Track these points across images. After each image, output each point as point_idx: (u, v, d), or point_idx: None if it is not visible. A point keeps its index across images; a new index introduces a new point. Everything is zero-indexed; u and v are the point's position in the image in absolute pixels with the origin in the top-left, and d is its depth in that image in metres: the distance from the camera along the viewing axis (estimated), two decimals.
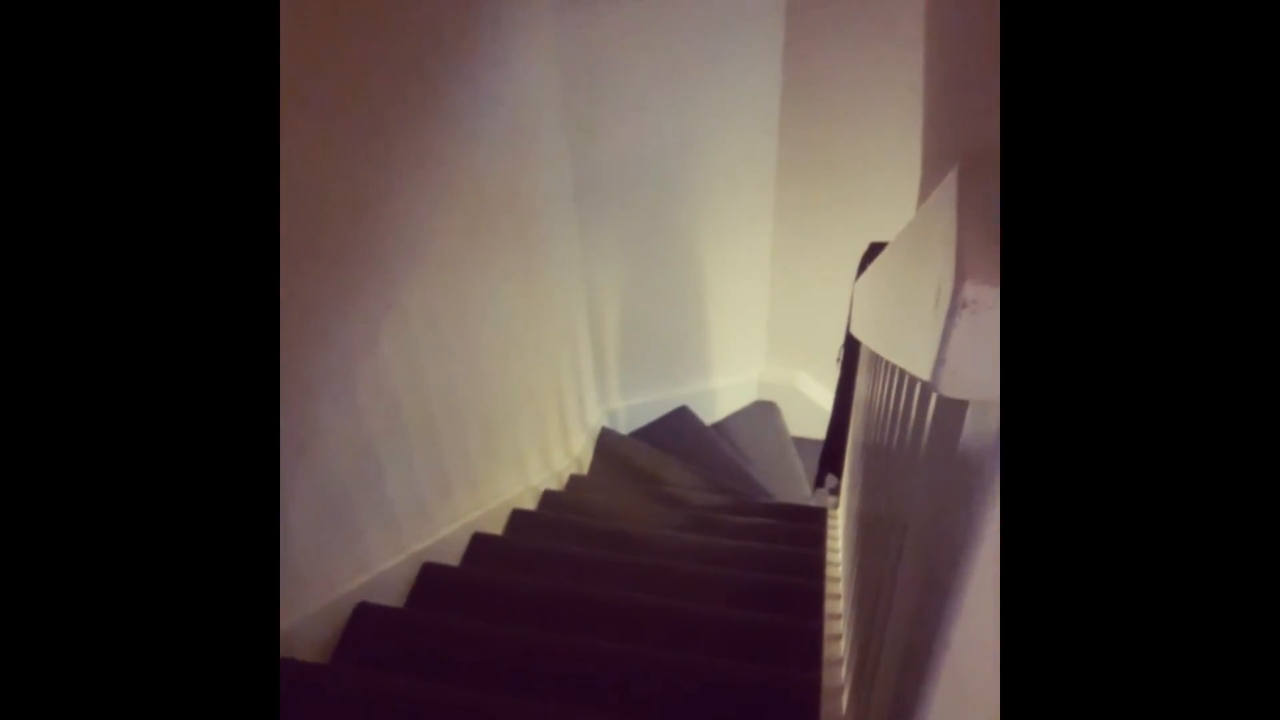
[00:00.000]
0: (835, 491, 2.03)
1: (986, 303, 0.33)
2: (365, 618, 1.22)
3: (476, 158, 1.52)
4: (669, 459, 2.63)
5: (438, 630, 1.24)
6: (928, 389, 0.61)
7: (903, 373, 0.80)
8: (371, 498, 1.26)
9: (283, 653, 1.06)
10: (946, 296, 0.34)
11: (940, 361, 0.35)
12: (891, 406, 0.92)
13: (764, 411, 3.22)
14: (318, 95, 1.03)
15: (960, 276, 0.33)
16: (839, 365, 1.99)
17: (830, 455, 2.08)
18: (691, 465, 2.63)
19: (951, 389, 0.35)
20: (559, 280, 2.15)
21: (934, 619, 0.49)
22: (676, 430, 2.95)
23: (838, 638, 1.26)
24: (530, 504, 2.01)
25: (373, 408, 1.23)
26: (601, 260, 2.50)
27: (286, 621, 1.08)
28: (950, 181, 0.40)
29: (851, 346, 1.87)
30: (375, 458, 1.26)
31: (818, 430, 2.25)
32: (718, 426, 3.14)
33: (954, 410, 0.46)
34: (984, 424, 0.42)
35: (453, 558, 1.57)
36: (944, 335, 0.34)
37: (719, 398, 3.16)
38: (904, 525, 0.70)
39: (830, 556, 1.68)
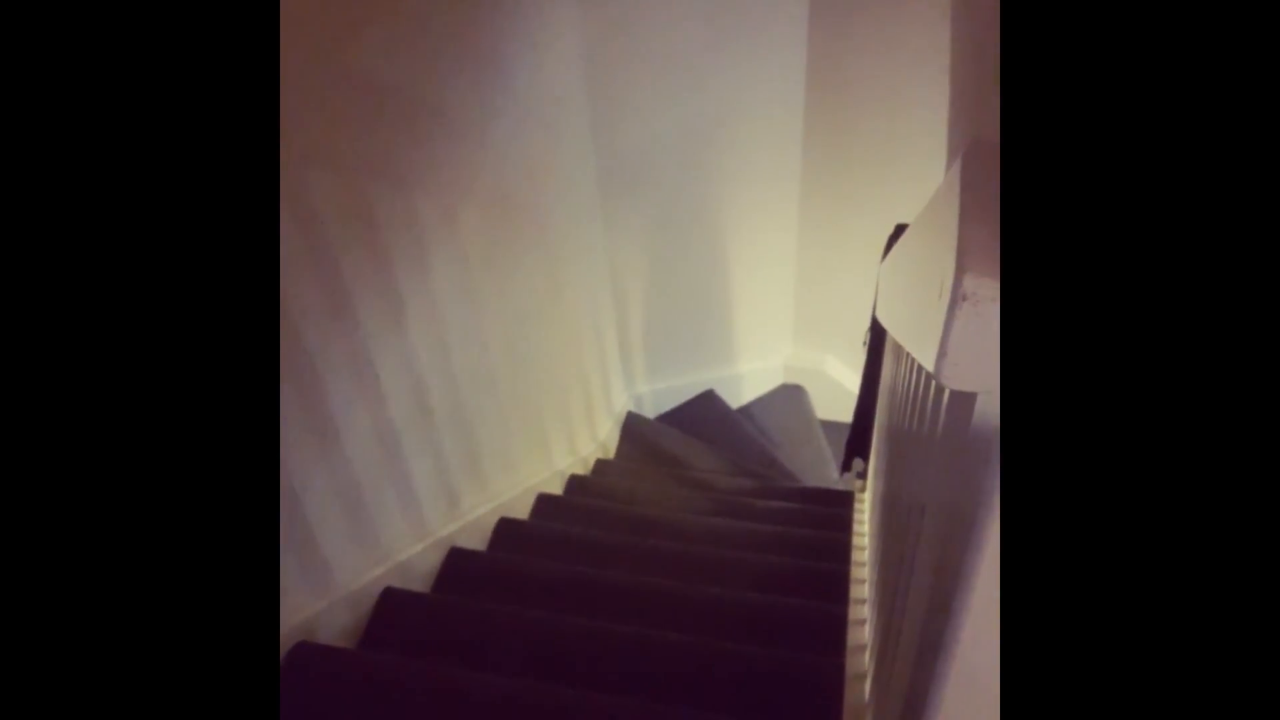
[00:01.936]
0: (862, 475, 2.02)
1: (987, 295, 0.33)
2: (391, 603, 1.24)
3: (500, 139, 1.52)
4: (695, 443, 2.64)
5: (463, 615, 1.25)
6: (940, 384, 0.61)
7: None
8: (397, 483, 1.28)
9: (309, 637, 1.09)
10: (948, 289, 0.34)
11: (942, 354, 0.35)
12: (912, 390, 0.91)
13: (791, 395, 3.21)
14: (337, 78, 1.03)
15: (960, 269, 0.33)
16: (865, 348, 1.98)
17: (857, 439, 2.07)
18: (717, 449, 2.63)
19: (953, 381, 0.35)
20: (583, 263, 2.16)
21: (947, 605, 0.49)
22: (703, 414, 2.95)
23: (862, 623, 1.26)
24: (556, 489, 2.03)
25: (398, 393, 1.25)
26: (626, 243, 2.50)
27: (313, 607, 1.11)
28: (955, 170, 0.40)
29: (878, 330, 1.85)
30: (400, 443, 1.28)
31: (845, 413, 2.24)
32: (744, 410, 3.14)
33: (965, 397, 0.46)
34: (991, 412, 0.42)
35: (479, 542, 1.59)
36: (946, 327, 0.34)
37: (745, 381, 3.15)
38: (922, 510, 0.70)
39: (856, 541, 1.67)
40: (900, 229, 1.67)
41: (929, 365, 0.38)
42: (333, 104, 1.03)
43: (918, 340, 0.47)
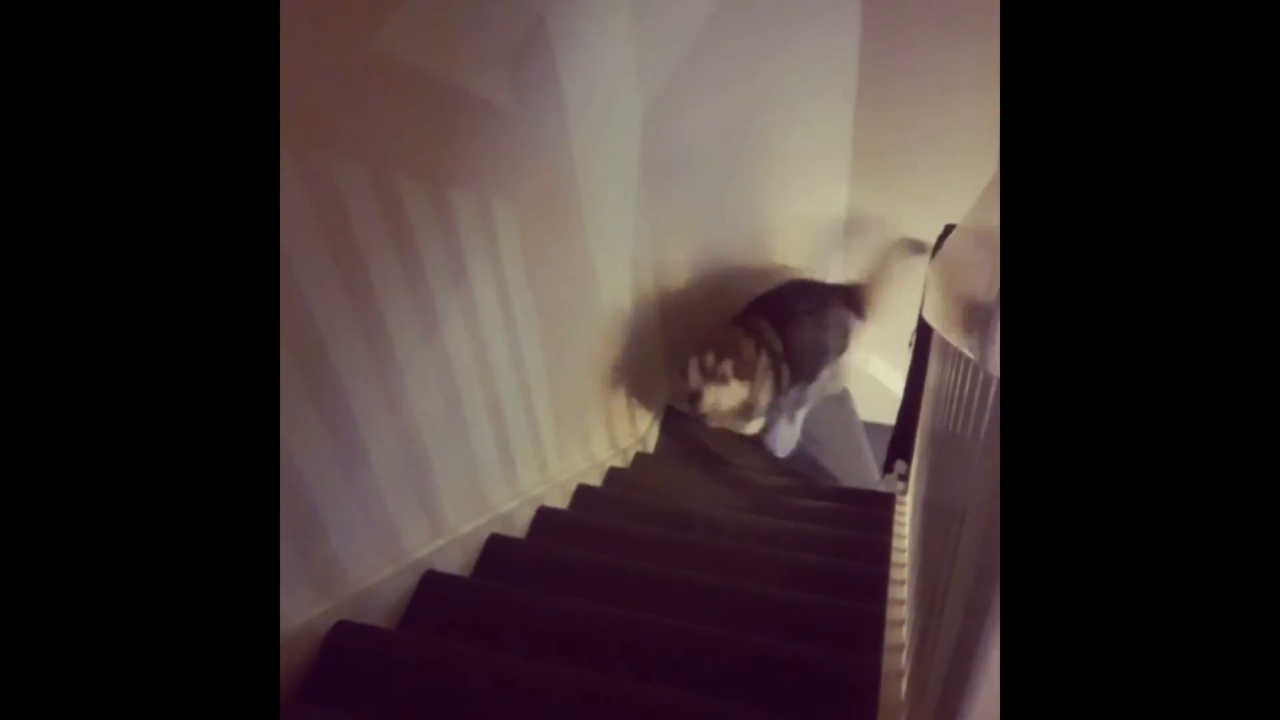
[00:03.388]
0: (904, 477, 2.00)
1: None
2: (433, 585, 1.26)
3: (547, 129, 1.53)
4: (735, 440, 2.63)
5: (501, 600, 1.27)
6: (989, 374, 0.60)
7: (968, 357, 0.78)
8: (440, 469, 1.30)
9: (354, 616, 1.11)
10: (997, 279, 0.34)
11: (990, 340, 0.35)
12: (957, 391, 0.90)
13: (834, 396, 3.18)
14: (365, 63, 1.02)
15: None
16: (911, 349, 1.95)
17: (899, 441, 2.05)
18: (758, 447, 2.62)
19: (999, 368, 0.35)
20: (627, 256, 2.16)
21: (986, 605, 0.49)
22: None
23: (900, 623, 1.25)
24: (596, 480, 2.03)
25: (442, 381, 1.27)
26: (670, 237, 2.49)
27: (360, 585, 1.13)
28: None
29: (924, 330, 1.83)
30: (444, 430, 1.29)
31: (888, 415, 2.22)
32: None
33: None
34: None
35: (518, 530, 1.60)
36: (992, 316, 0.34)
37: None
38: (963, 511, 0.69)
39: (897, 543, 1.66)
40: (949, 229, 1.65)
41: (976, 355, 0.38)
42: (358, 92, 1.01)
43: (965, 331, 0.47)
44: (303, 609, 1.03)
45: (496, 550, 1.46)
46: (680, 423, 2.69)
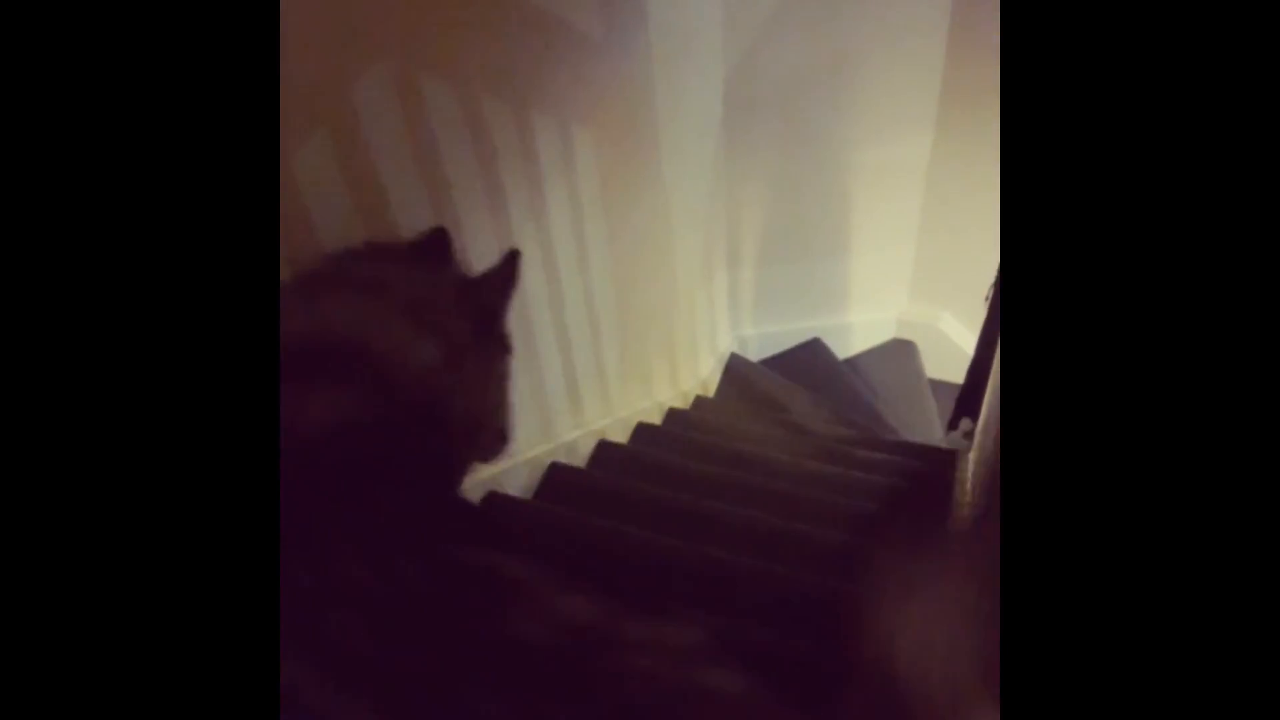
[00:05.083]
0: (969, 435, 1.97)
1: None
2: (493, 505, 1.30)
3: (631, 60, 1.51)
4: (797, 389, 2.61)
5: (557, 523, 1.31)
6: None
7: None
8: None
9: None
10: None
11: None
12: None
13: (901, 350, 3.12)
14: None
15: None
16: (987, 304, 1.91)
17: (967, 397, 2.02)
18: (820, 397, 2.60)
19: None
20: (700, 199, 2.14)
21: None
22: (807, 362, 2.91)
23: None
24: (656, 419, 2.05)
25: (515, 304, 1.28)
26: (745, 179, 2.45)
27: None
28: None
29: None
30: (515, 353, 1.31)
31: (958, 374, 2.17)
32: (851, 362, 3.08)
33: None
34: None
35: (580, 460, 1.63)
36: None
37: (854, 333, 3.08)
38: None
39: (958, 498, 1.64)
40: None
41: None
42: (455, 10, 1.02)
43: None
44: None
45: (557, 477, 1.49)
46: (743, 370, 2.69)
